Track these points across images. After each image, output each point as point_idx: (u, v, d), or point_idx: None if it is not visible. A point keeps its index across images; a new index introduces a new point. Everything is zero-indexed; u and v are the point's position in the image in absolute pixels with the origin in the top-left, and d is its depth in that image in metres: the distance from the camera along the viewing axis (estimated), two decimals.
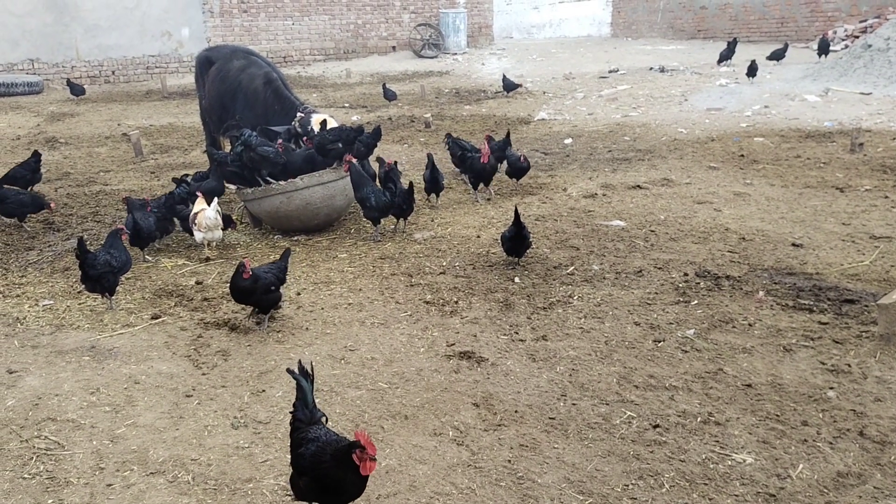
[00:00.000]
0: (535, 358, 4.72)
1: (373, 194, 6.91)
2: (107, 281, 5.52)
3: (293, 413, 3.29)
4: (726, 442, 3.79)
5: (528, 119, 13.59)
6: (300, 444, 3.12)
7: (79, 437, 3.96)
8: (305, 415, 3.24)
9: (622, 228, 7.14)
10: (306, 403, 3.26)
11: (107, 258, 5.51)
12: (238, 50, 8.96)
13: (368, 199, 6.91)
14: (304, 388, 3.28)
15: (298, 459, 3.09)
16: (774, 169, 9.22)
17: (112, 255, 5.57)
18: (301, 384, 3.29)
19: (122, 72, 20.21)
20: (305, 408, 3.25)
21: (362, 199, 6.95)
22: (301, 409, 3.25)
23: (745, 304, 5.42)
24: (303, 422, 3.21)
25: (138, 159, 11.23)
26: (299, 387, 3.30)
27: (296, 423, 3.24)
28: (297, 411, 3.26)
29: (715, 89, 15.28)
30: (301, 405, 3.26)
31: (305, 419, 3.22)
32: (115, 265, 5.54)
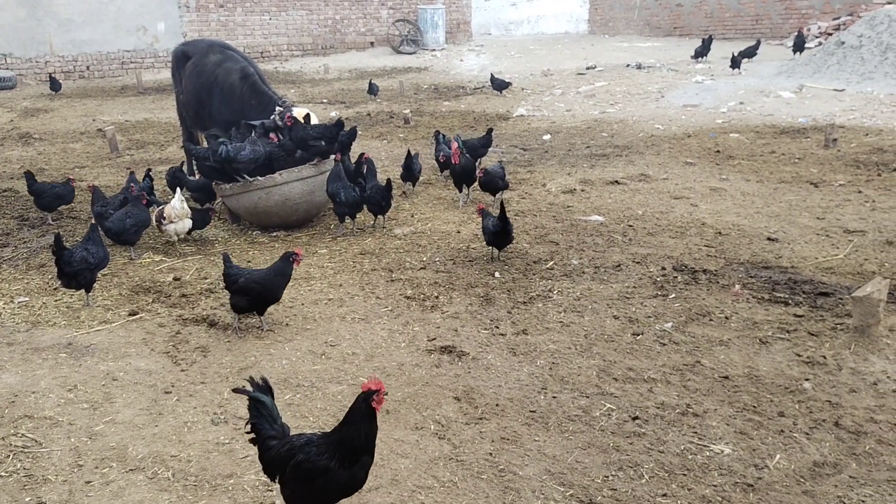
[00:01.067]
0: (515, 352, 4.74)
1: (342, 190, 6.88)
2: (83, 277, 5.47)
3: (259, 433, 3.10)
4: (704, 433, 3.83)
5: (507, 115, 13.62)
6: (292, 455, 2.97)
7: (56, 435, 3.92)
8: (277, 430, 3.11)
9: (601, 223, 7.18)
10: (274, 419, 3.12)
11: (83, 254, 5.45)
12: (215, 44, 8.87)
13: (338, 195, 6.88)
14: (266, 404, 3.11)
15: (303, 466, 2.92)
16: (750, 164, 9.32)
17: (89, 251, 5.51)
18: (260, 400, 3.11)
19: (96, 67, 19.97)
20: (274, 423, 3.11)
21: (333, 193, 6.93)
22: (269, 426, 3.09)
23: (721, 297, 5.48)
24: (276, 437, 3.07)
25: (114, 155, 11.10)
26: (260, 403, 3.11)
27: (268, 441, 3.07)
28: (265, 429, 3.09)
29: (691, 86, 15.40)
30: (268, 422, 3.10)
31: (278, 434, 3.09)
32: (91, 262, 5.49)
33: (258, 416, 3.10)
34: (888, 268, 5.87)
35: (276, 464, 3.04)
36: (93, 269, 5.51)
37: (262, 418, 3.09)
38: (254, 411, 3.10)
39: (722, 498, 3.33)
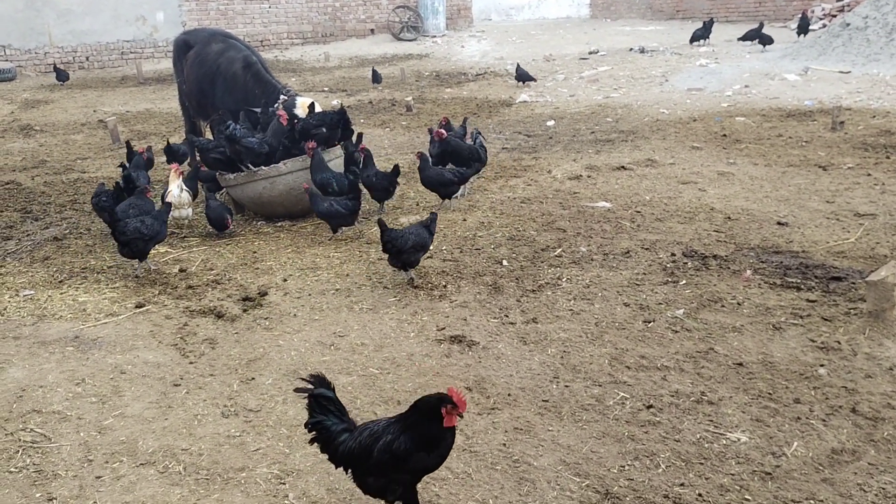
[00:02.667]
0: (525, 341, 4.69)
1: (334, 179, 6.78)
2: (135, 247, 5.77)
3: (328, 429, 3.00)
4: (720, 421, 3.79)
5: (510, 101, 13.52)
6: (377, 439, 2.90)
7: (65, 429, 3.89)
8: (348, 422, 3.03)
9: (608, 209, 7.12)
10: (342, 412, 3.03)
11: (137, 226, 5.73)
12: (216, 33, 8.79)
13: (330, 185, 6.76)
14: (332, 399, 3.03)
15: (395, 448, 2.87)
16: (757, 148, 9.24)
17: (144, 222, 5.78)
18: (325, 396, 3.02)
19: (96, 58, 19.86)
20: (343, 416, 3.03)
21: (323, 184, 6.77)
22: (338, 420, 3.01)
23: (732, 283, 5.42)
24: (348, 430, 3.00)
25: (115, 146, 11.04)
26: (325, 399, 3.01)
27: (340, 435, 2.99)
28: (335, 424, 3.00)
29: (695, 69, 15.29)
30: (336, 416, 3.01)
31: (350, 426, 3.02)
32: (145, 233, 5.74)
33: (324, 413, 3.00)
34: None
35: (355, 454, 2.94)
36: (146, 240, 5.78)
37: (329, 414, 3.00)
38: (317, 409, 3.00)
39: (740, 487, 3.29)
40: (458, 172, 7.29)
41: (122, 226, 5.73)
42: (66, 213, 7.77)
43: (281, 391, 4.19)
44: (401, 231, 5.49)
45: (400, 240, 5.37)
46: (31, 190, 8.58)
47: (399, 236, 5.38)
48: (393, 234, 5.39)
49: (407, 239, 5.38)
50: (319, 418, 3.01)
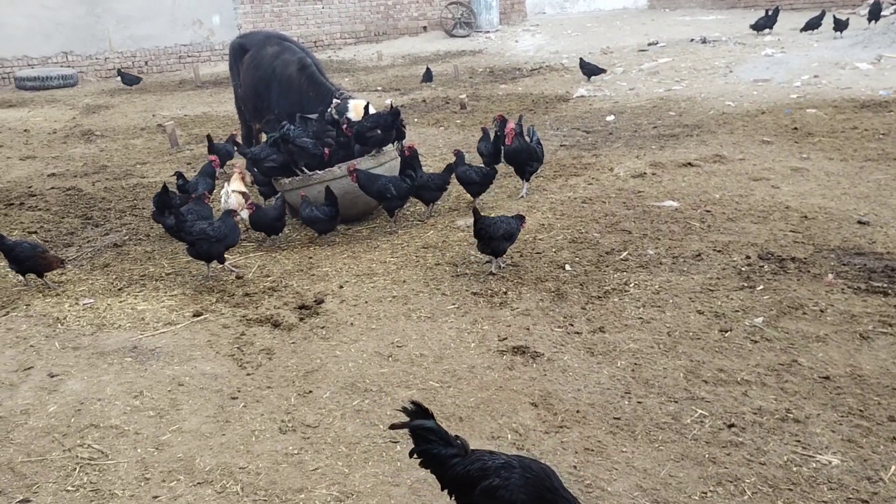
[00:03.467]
0: (593, 352, 4.46)
1: (391, 183, 6.64)
2: (200, 247, 5.78)
3: (435, 456, 2.80)
4: (808, 441, 3.51)
5: (567, 96, 13.21)
6: (485, 476, 2.70)
7: (123, 445, 3.81)
8: (457, 447, 2.81)
9: (675, 209, 6.81)
10: (447, 441, 2.81)
11: (203, 227, 5.75)
12: (271, 36, 8.75)
13: (388, 189, 6.62)
14: (434, 429, 2.81)
15: (499, 494, 2.64)
16: (831, 142, 8.78)
17: (213, 225, 5.81)
18: (426, 427, 2.81)
19: (154, 62, 20.19)
20: (449, 444, 2.80)
21: (381, 190, 6.65)
22: (445, 448, 2.80)
23: (814, 287, 5.09)
24: (458, 455, 2.79)
25: (174, 150, 11.13)
26: (426, 431, 2.81)
27: (450, 460, 2.78)
28: (441, 451, 2.79)
29: (760, 59, 14.71)
30: (441, 445, 2.80)
31: (460, 451, 2.80)
32: (210, 234, 5.74)
33: (427, 443, 2.82)
34: None
35: (460, 482, 2.78)
36: (212, 241, 5.75)
37: (431, 444, 2.80)
38: (420, 440, 2.83)
39: None
40: (482, 172, 7.19)
41: (189, 226, 5.77)
42: (126, 219, 7.80)
43: (339, 405, 4.05)
44: (493, 219, 5.63)
45: (492, 227, 5.54)
46: (92, 196, 8.66)
47: (492, 224, 5.56)
48: (486, 221, 5.57)
49: (499, 227, 5.54)
50: (424, 447, 2.83)
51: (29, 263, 5.79)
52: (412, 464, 3.48)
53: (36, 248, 5.84)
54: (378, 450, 3.63)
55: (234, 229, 5.96)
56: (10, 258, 5.81)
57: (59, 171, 9.99)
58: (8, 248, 5.77)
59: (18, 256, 5.75)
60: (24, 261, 5.77)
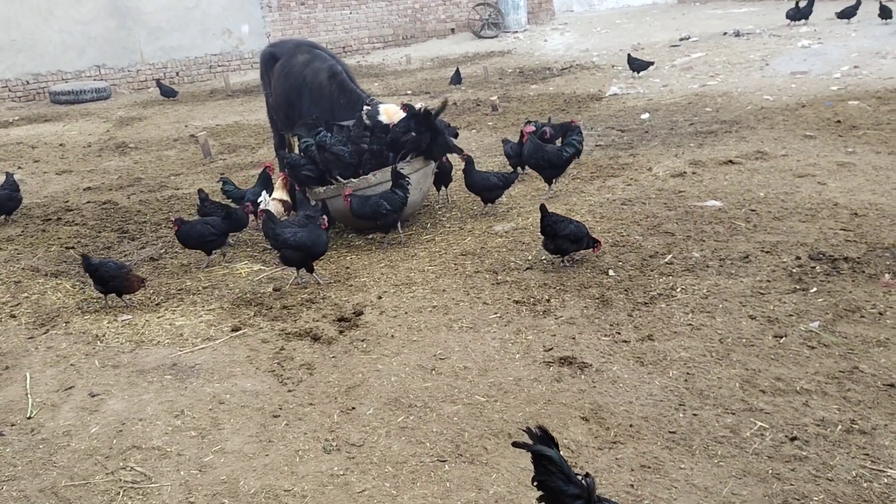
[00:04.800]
0: (642, 361, 4.31)
1: (382, 199, 6.45)
2: (283, 256, 5.92)
3: (553, 490, 2.61)
4: (877, 455, 3.33)
5: (600, 95, 13.01)
6: None
7: (166, 467, 3.75)
8: (579, 487, 2.60)
9: (719, 209, 6.62)
10: (568, 476, 2.61)
11: (287, 236, 5.84)
12: (302, 44, 8.70)
13: (382, 206, 6.43)
14: (554, 460, 2.60)
15: None
16: (877, 135, 8.50)
17: (297, 234, 5.85)
18: (545, 455, 2.61)
19: (185, 72, 20.32)
20: (570, 480, 2.60)
21: (374, 209, 6.47)
22: (564, 484, 2.59)
23: (870, 289, 4.89)
24: (580, 497, 2.59)
25: (207, 160, 11.15)
26: (546, 459, 2.61)
27: (570, 500, 2.58)
28: (561, 486, 2.59)
29: (797, 51, 14.37)
30: (561, 480, 2.60)
31: (582, 493, 2.59)
32: (290, 241, 5.80)
33: (546, 474, 2.63)
34: None
35: None
36: (290, 247, 5.82)
37: (551, 476, 2.61)
38: (540, 468, 2.64)
39: None
40: (503, 177, 7.09)
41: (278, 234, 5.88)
42: (161, 232, 7.79)
43: (383, 423, 3.95)
44: (561, 217, 5.69)
45: (560, 224, 5.58)
46: (128, 209, 8.68)
47: (559, 221, 5.61)
48: (554, 217, 5.61)
49: (566, 226, 5.58)
50: (543, 478, 2.64)
51: (113, 283, 5.73)
52: (462, 484, 3.39)
53: (121, 269, 5.77)
54: (426, 469, 3.53)
55: (318, 237, 5.90)
56: (94, 278, 5.75)
57: (94, 185, 10.04)
58: (93, 267, 5.75)
59: (103, 276, 5.71)
60: (108, 280, 5.72)
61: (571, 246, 5.60)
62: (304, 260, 5.88)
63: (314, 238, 5.85)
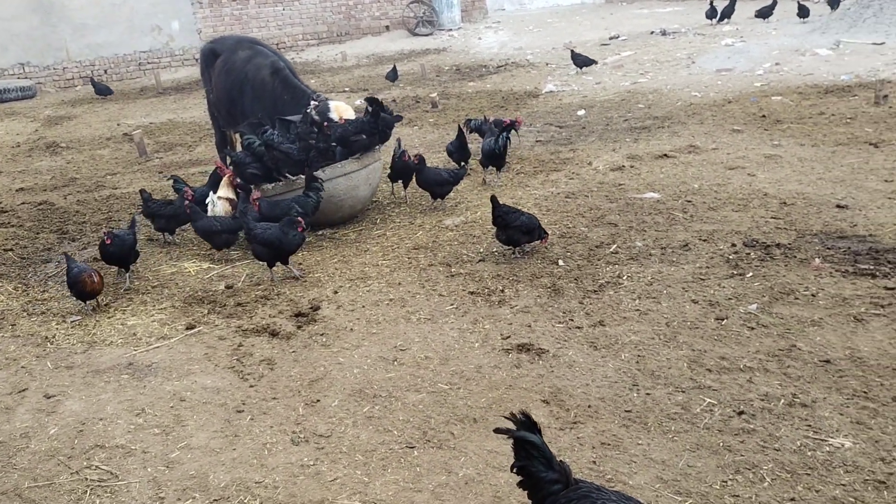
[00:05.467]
0: (596, 346, 4.50)
1: (295, 202, 6.36)
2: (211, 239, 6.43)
3: (533, 475, 2.61)
4: (819, 425, 3.58)
5: (536, 92, 13.27)
6: None
7: (132, 465, 3.74)
8: (557, 471, 2.60)
9: (657, 200, 6.89)
10: (549, 460, 2.61)
11: (206, 223, 6.40)
12: (243, 40, 8.64)
13: (293, 209, 6.29)
14: (537, 444, 2.61)
15: None
16: (800, 128, 8.95)
17: (218, 220, 6.46)
18: (528, 440, 2.61)
19: (114, 70, 19.78)
20: (550, 465, 2.60)
21: (286, 212, 6.24)
22: (545, 469, 2.59)
23: (802, 272, 5.20)
24: (559, 481, 2.58)
25: (143, 159, 10.93)
26: (528, 444, 2.62)
27: (549, 486, 2.57)
28: (541, 471, 2.59)
29: (721, 49, 14.93)
30: (542, 464, 2.60)
31: (561, 477, 2.58)
32: (216, 227, 6.37)
33: (527, 459, 2.63)
34: None
35: None
36: (219, 232, 6.34)
37: (532, 460, 2.61)
38: (521, 452, 2.64)
39: (854, 499, 3.09)
40: (453, 173, 7.25)
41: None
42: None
43: (349, 413, 4.02)
44: (513, 208, 5.83)
45: (511, 215, 5.71)
46: (65, 209, 8.47)
47: (511, 212, 5.73)
48: (505, 209, 5.74)
49: (517, 217, 5.71)
50: (524, 463, 2.65)
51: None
52: (432, 468, 3.50)
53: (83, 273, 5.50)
54: (395, 456, 3.62)
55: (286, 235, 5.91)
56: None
57: (27, 186, 9.75)
58: None
59: None
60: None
61: (524, 237, 5.75)
62: (276, 256, 5.85)
63: (281, 236, 5.78)
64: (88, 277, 5.45)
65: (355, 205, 7.15)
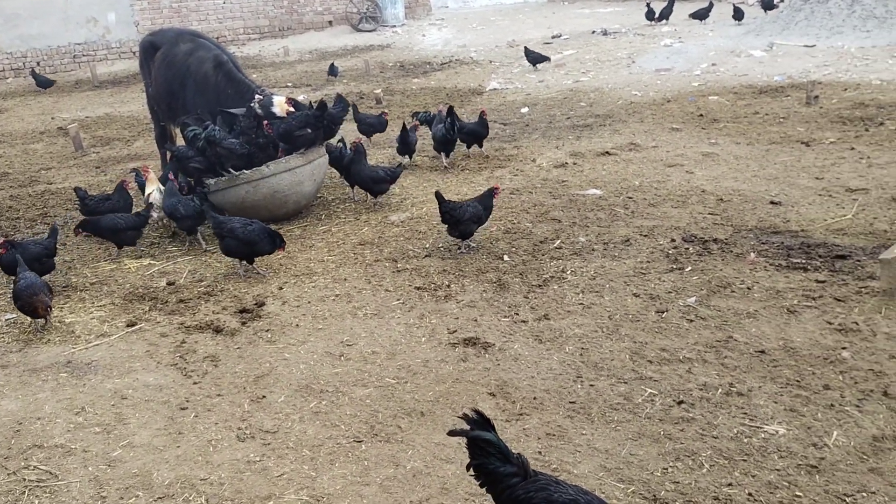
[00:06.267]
0: (541, 339, 4.57)
1: (179, 204, 6.36)
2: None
3: (491, 472, 2.61)
4: (754, 413, 3.71)
5: (480, 90, 13.36)
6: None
7: (72, 464, 3.66)
8: (515, 464, 2.60)
9: (599, 197, 7.02)
10: (505, 455, 2.61)
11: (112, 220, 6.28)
12: (184, 33, 8.48)
13: (177, 210, 6.34)
14: (493, 442, 2.62)
15: None
16: (736, 127, 9.23)
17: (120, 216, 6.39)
18: (484, 439, 2.62)
19: (47, 62, 19.17)
20: (508, 460, 2.61)
21: (171, 210, 6.41)
22: (502, 464, 2.60)
23: (738, 266, 5.36)
24: (517, 474, 2.59)
25: (79, 154, 10.64)
26: (484, 443, 2.61)
27: (508, 479, 2.58)
28: (498, 467, 2.60)
29: (660, 50, 15.27)
30: (499, 460, 2.61)
31: (519, 470, 2.59)
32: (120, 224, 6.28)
33: (485, 457, 2.62)
34: None
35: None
36: (125, 230, 6.30)
37: (489, 457, 2.61)
38: (477, 451, 2.64)
39: (788, 483, 3.21)
40: (390, 171, 7.24)
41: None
42: (38, 228, 7.42)
43: (296, 409, 4.00)
44: (458, 203, 5.84)
45: (458, 211, 5.73)
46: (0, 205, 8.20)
47: (457, 207, 5.74)
48: (451, 205, 5.74)
49: (465, 211, 5.72)
50: (481, 461, 2.64)
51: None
52: (379, 462, 3.51)
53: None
54: (343, 451, 3.62)
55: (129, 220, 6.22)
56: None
57: None
58: None
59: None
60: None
61: (475, 226, 5.82)
62: (251, 254, 5.78)
63: (254, 236, 5.71)
64: (41, 303, 4.95)
65: (300, 200, 7.09)
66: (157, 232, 7.09)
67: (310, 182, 7.03)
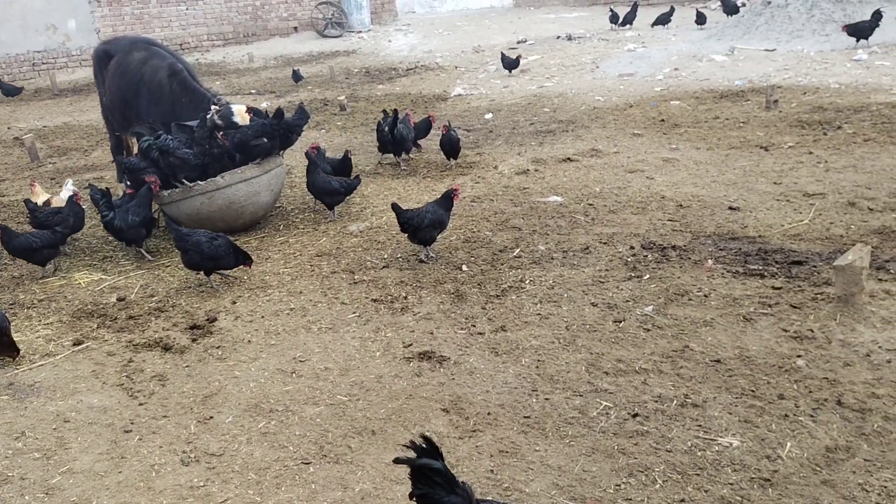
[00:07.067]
0: (497, 351, 4.50)
1: (117, 217, 6.27)
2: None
3: (437, 502, 2.50)
4: (709, 425, 3.67)
5: (445, 95, 13.31)
6: None
7: (7, 493, 3.51)
8: (461, 495, 2.52)
9: (560, 204, 6.99)
10: (452, 484, 2.52)
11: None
12: (138, 41, 8.30)
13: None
14: (440, 471, 2.52)
15: None
16: (696, 132, 9.26)
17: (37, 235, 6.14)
18: (432, 468, 2.52)
19: (5, 70, 18.77)
20: (453, 490, 2.51)
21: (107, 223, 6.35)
22: (446, 494, 2.50)
23: (695, 274, 5.35)
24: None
25: (35, 164, 10.41)
26: (431, 471, 2.52)
27: None
28: (443, 497, 2.50)
29: (624, 55, 15.35)
30: (444, 489, 2.50)
31: (465, 499, 2.51)
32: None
33: (429, 486, 2.51)
34: (855, 230, 5.83)
35: None
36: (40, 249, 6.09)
37: (435, 487, 2.51)
38: (422, 480, 2.53)
39: (741, 497, 3.17)
40: (346, 183, 7.14)
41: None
42: None
43: (243, 430, 3.89)
44: (416, 211, 5.79)
45: (416, 218, 5.69)
46: None
47: (415, 216, 5.71)
48: (409, 214, 5.74)
49: (423, 217, 5.68)
50: (424, 490, 2.53)
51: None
52: (327, 484, 3.42)
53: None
54: (290, 473, 3.52)
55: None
56: None
57: None
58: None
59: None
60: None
61: (436, 232, 5.79)
62: (213, 268, 5.71)
63: (220, 251, 5.61)
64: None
65: (257, 211, 6.97)
66: (111, 245, 6.92)
67: (267, 192, 6.91)
